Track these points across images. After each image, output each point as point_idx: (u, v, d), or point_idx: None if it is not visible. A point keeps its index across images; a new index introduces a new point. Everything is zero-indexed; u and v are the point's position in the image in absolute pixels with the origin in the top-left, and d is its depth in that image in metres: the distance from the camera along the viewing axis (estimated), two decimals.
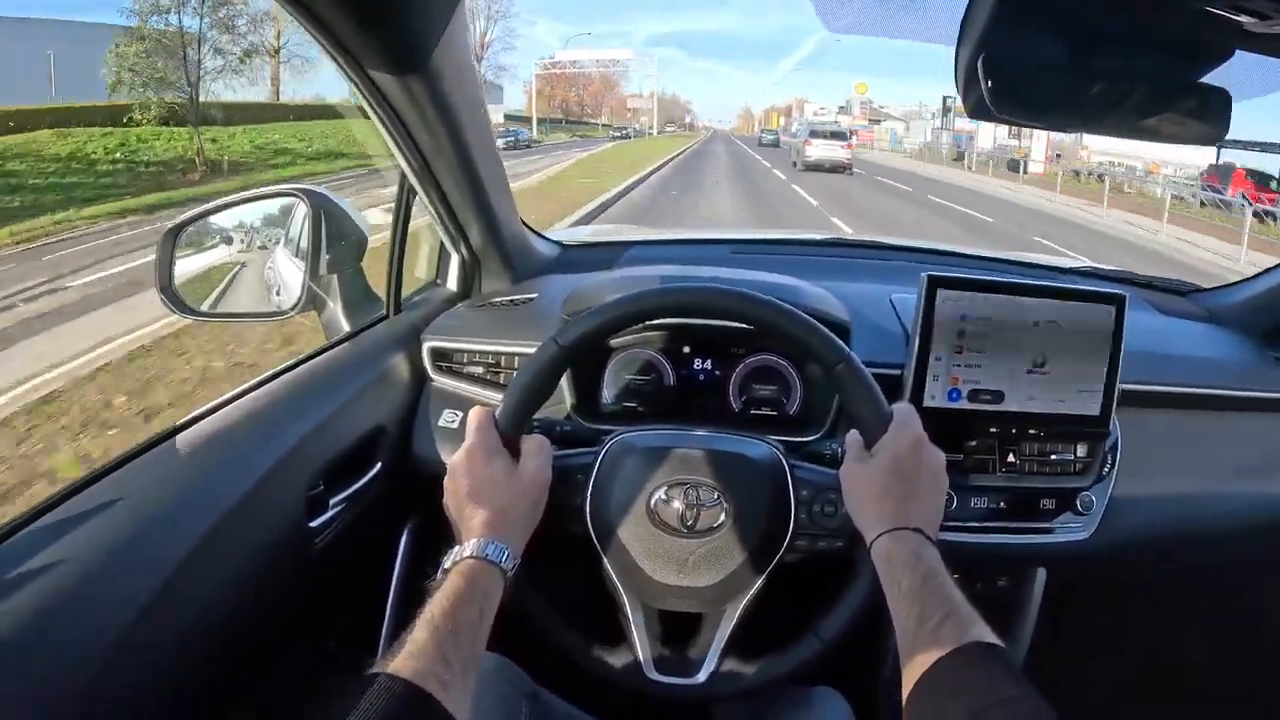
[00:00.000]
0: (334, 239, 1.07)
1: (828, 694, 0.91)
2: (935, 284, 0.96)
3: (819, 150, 21.14)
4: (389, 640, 1.03)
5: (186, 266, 1.09)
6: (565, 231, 1.53)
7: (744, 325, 0.84)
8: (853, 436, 0.81)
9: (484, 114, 1.02)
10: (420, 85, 0.87)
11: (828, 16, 1.01)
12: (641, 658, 0.82)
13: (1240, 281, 1.38)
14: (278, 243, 1.18)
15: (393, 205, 1.11)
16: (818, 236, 1.64)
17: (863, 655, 1.10)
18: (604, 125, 63.99)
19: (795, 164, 21.82)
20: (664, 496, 0.81)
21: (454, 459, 0.78)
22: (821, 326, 0.80)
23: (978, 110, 0.65)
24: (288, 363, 0.98)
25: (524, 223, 1.31)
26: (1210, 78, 0.67)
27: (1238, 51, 0.65)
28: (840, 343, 0.80)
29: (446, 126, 0.94)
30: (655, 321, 0.99)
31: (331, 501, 0.92)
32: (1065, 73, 0.66)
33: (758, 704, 0.89)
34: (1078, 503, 1.02)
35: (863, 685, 1.02)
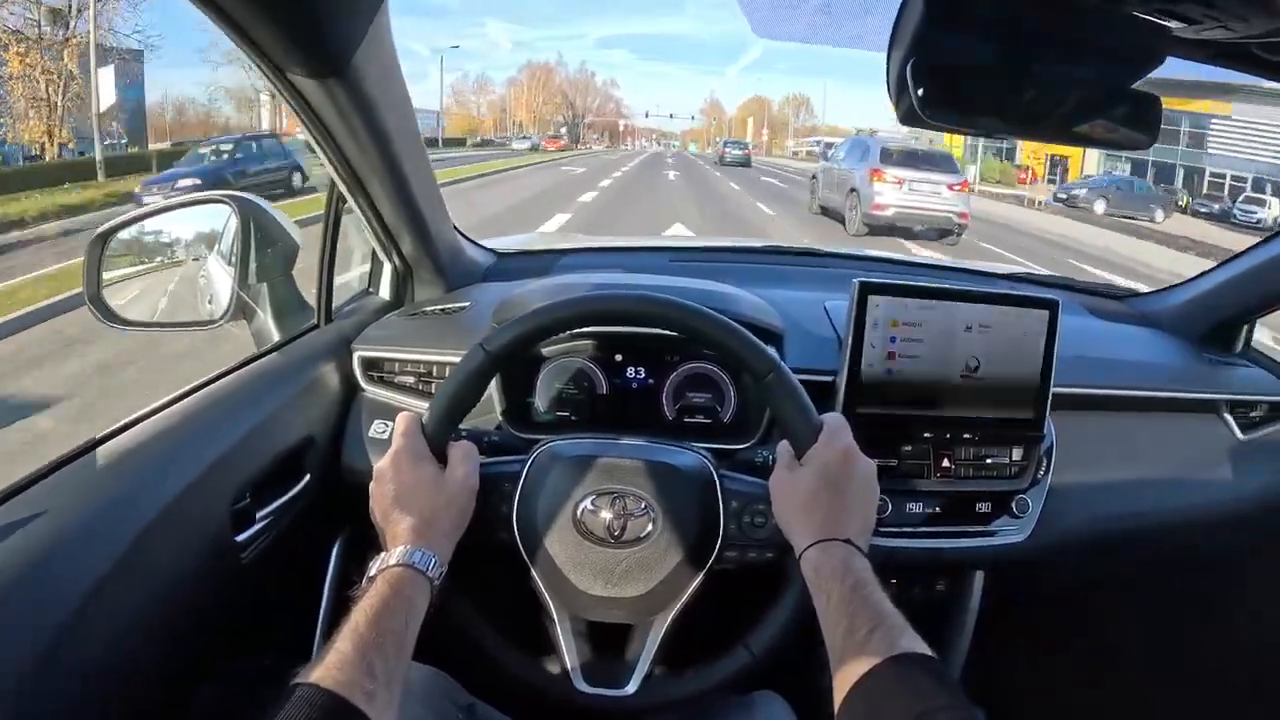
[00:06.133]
0: (263, 247, 1.05)
1: (769, 698, 0.90)
2: (866, 290, 0.97)
3: (903, 197, 10.21)
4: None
5: (117, 274, 1.07)
6: (501, 239, 1.52)
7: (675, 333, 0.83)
8: (783, 447, 0.80)
9: (412, 120, 1.01)
10: (343, 90, 0.85)
11: (761, 25, 1.02)
12: (570, 669, 0.82)
13: (1175, 286, 1.41)
14: (210, 251, 1.16)
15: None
16: (756, 244, 1.64)
17: (802, 660, 1.10)
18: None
19: (844, 217, 11.03)
20: (591, 506, 0.80)
21: (380, 464, 0.77)
22: (750, 335, 0.80)
23: (909, 117, 0.66)
24: (215, 372, 0.96)
25: (458, 230, 1.30)
26: (1141, 84, 0.68)
27: (1169, 58, 0.66)
28: (770, 352, 0.80)
29: (372, 133, 0.92)
30: (587, 329, 0.98)
31: (259, 515, 0.90)
32: (995, 78, 0.66)
33: (696, 711, 0.89)
34: (1014, 505, 1.03)
35: (804, 689, 1.02)
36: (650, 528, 0.80)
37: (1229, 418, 1.22)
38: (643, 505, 0.80)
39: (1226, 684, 1.32)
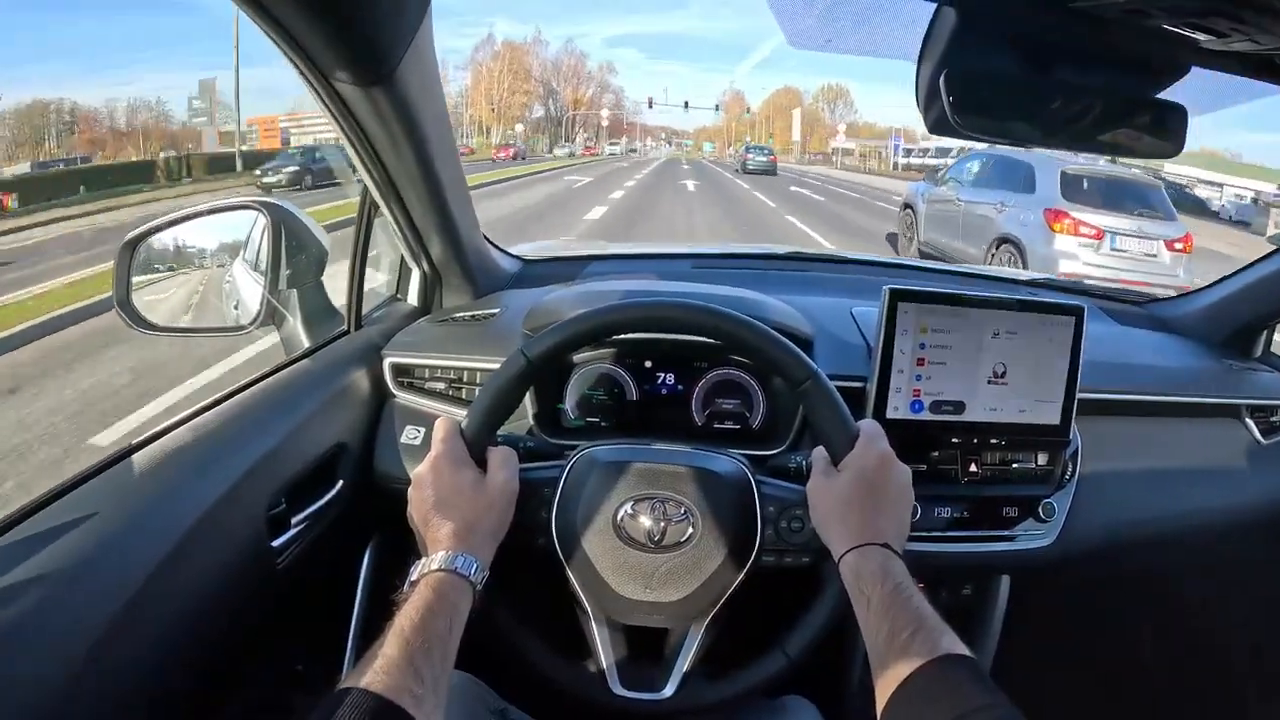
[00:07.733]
0: (294, 253, 1.05)
1: (799, 703, 0.91)
2: (897, 297, 0.97)
3: (1103, 260, 6.05)
4: (354, 659, 1.01)
5: (146, 279, 1.07)
6: (526, 246, 1.52)
7: (709, 340, 0.84)
8: (819, 453, 0.81)
9: (448, 126, 1.01)
10: (385, 98, 0.85)
11: (789, 32, 1.02)
12: (607, 673, 0.82)
13: (1193, 292, 1.42)
14: (238, 256, 1.16)
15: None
16: (779, 250, 1.65)
17: (831, 664, 1.10)
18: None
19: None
20: (630, 511, 0.80)
21: (419, 469, 0.77)
22: (789, 342, 0.81)
23: (939, 126, 0.66)
24: (247, 379, 0.96)
25: (485, 237, 1.30)
26: (1167, 94, 0.69)
27: (1194, 69, 0.67)
28: (808, 359, 0.80)
29: (411, 140, 0.93)
30: (618, 336, 0.98)
31: (293, 520, 0.91)
32: (1025, 88, 0.67)
33: (728, 714, 0.89)
34: (1040, 510, 1.04)
35: (832, 693, 1.03)
36: (690, 532, 0.80)
37: (1250, 422, 1.22)
38: (683, 510, 0.80)
39: (1248, 686, 1.32)
